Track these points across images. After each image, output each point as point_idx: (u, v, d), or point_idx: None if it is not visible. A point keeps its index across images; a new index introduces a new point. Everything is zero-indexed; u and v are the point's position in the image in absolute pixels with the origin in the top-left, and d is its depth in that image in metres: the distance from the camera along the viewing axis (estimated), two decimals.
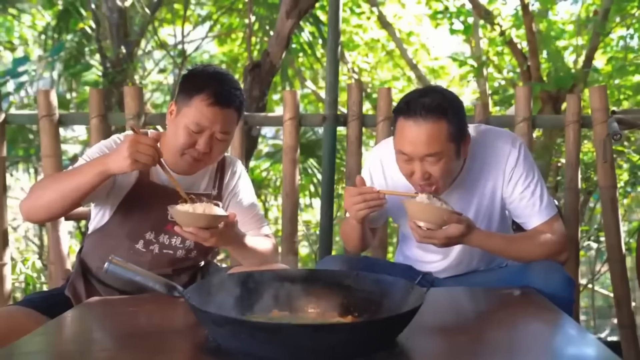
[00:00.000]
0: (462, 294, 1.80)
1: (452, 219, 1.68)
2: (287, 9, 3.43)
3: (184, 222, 1.64)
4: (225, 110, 1.79)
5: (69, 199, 1.69)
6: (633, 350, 2.82)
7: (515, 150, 1.90)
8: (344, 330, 1.21)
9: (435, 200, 1.71)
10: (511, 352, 1.32)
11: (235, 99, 1.81)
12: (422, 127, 1.74)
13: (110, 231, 1.88)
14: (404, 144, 1.78)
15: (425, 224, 1.70)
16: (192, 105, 1.78)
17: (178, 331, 1.41)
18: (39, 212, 1.75)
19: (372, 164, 2.04)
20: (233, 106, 1.81)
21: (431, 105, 1.73)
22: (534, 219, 1.89)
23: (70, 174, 1.72)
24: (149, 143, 1.62)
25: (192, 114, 1.77)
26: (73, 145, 6.28)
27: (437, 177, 1.80)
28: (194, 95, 1.78)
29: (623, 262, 2.90)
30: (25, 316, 1.75)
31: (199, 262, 2.00)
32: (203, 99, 1.77)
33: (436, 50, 7.74)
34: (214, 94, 1.77)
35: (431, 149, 1.75)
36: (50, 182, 1.75)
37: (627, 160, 4.04)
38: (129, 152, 1.59)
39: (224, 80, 1.82)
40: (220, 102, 1.78)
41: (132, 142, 1.61)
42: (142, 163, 1.63)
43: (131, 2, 5.25)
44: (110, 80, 4.98)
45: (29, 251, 5.62)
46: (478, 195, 1.93)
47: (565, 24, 6.09)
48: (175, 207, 1.65)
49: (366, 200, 1.79)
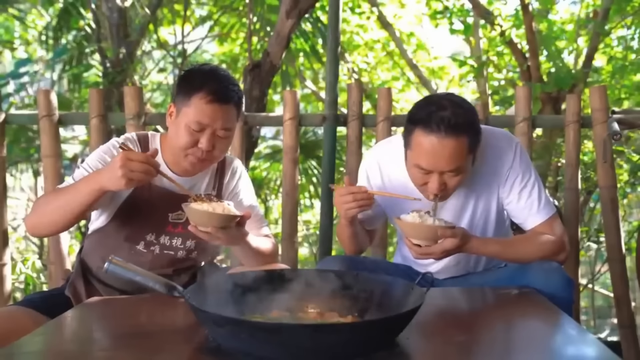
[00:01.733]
0: (461, 294, 1.80)
1: (446, 233, 1.67)
2: (287, 9, 3.43)
3: (202, 222, 1.63)
4: (224, 106, 1.79)
5: (70, 215, 1.71)
6: (633, 350, 2.82)
7: (512, 151, 1.89)
8: (344, 330, 1.21)
9: (426, 217, 1.69)
10: (511, 352, 1.32)
11: (233, 95, 1.82)
12: (445, 143, 1.71)
13: (111, 232, 1.88)
14: (423, 159, 1.75)
15: (420, 242, 1.70)
16: (191, 105, 1.78)
17: (178, 331, 1.41)
18: (43, 228, 1.80)
19: (369, 165, 2.03)
20: (232, 102, 1.81)
21: (456, 123, 1.70)
22: (532, 219, 1.89)
23: (68, 191, 1.71)
24: (141, 159, 1.60)
25: (192, 113, 1.77)
26: (73, 145, 6.28)
27: (452, 188, 1.80)
28: (193, 94, 1.78)
29: (623, 262, 2.90)
30: (25, 316, 1.75)
31: (200, 262, 2.00)
32: (202, 97, 1.77)
33: (436, 50, 7.73)
34: (212, 91, 1.77)
35: (452, 165, 1.74)
36: (51, 200, 1.75)
37: (627, 160, 4.04)
38: (122, 172, 1.57)
39: (221, 77, 1.82)
40: (220, 99, 1.78)
41: (123, 161, 1.58)
42: (137, 180, 1.61)
43: (131, 2, 5.25)
44: (110, 80, 4.98)
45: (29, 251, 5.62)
46: (475, 196, 1.93)
47: (565, 24, 6.09)
48: (191, 206, 1.63)
49: (356, 199, 1.79)
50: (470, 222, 1.94)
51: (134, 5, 5.36)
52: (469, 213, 1.93)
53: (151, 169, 1.62)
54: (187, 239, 1.91)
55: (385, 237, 2.99)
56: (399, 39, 7.01)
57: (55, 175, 2.87)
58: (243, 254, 1.87)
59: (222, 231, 1.64)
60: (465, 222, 1.94)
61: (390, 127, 2.84)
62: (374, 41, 7.32)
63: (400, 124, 2.86)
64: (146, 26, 5.46)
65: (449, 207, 1.93)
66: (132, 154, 1.61)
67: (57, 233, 2.09)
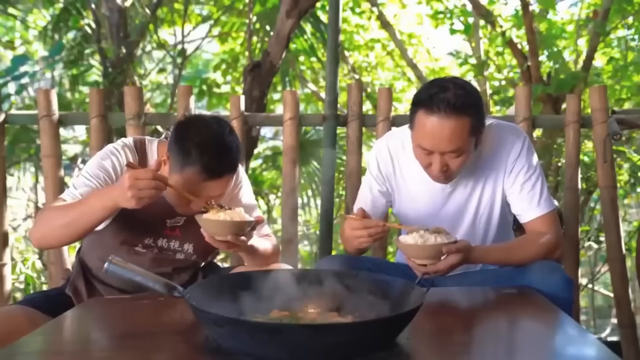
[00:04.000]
0: (462, 294, 1.81)
1: (450, 250, 1.65)
2: (287, 8, 3.43)
3: (218, 232, 1.63)
4: (220, 180, 1.74)
5: (82, 230, 1.71)
6: (633, 350, 2.82)
7: (520, 143, 1.92)
8: (344, 330, 1.20)
9: (427, 236, 1.66)
10: (511, 352, 1.32)
11: (229, 166, 1.75)
12: (445, 124, 1.73)
13: (108, 235, 1.87)
14: (424, 139, 1.78)
15: (425, 262, 1.68)
16: (184, 176, 1.71)
17: (178, 331, 1.41)
18: (51, 242, 1.82)
19: (379, 153, 2.04)
20: (228, 174, 1.76)
21: (456, 103, 1.72)
22: (531, 212, 1.91)
23: (77, 207, 1.69)
24: (149, 177, 1.58)
25: (185, 183, 1.71)
26: (73, 145, 6.28)
27: (455, 169, 1.82)
28: (185, 166, 1.71)
29: (623, 262, 2.90)
30: (25, 316, 1.75)
31: (199, 263, 2.00)
32: (195, 173, 1.70)
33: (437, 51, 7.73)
34: (206, 170, 1.70)
35: (453, 146, 1.76)
36: (59, 215, 1.71)
37: (627, 160, 4.04)
38: (132, 193, 1.56)
39: (217, 147, 1.72)
40: (214, 175, 1.72)
41: (131, 181, 1.56)
42: (148, 198, 1.60)
43: (131, 2, 5.25)
44: (110, 80, 4.97)
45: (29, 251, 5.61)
46: (481, 185, 1.96)
47: (566, 25, 6.09)
48: (205, 217, 1.62)
49: (371, 235, 1.73)
50: (475, 212, 1.97)
51: (134, 5, 5.36)
52: (475, 201, 1.96)
53: (160, 184, 1.60)
54: (185, 242, 1.91)
55: (385, 237, 2.99)
56: (399, 39, 7.00)
57: (55, 175, 2.87)
58: (247, 255, 1.87)
59: (239, 239, 1.64)
60: (471, 212, 1.97)
61: (390, 127, 2.84)
62: (374, 40, 7.31)
63: (401, 124, 2.85)
64: (146, 26, 5.46)
65: (456, 195, 1.96)
66: (139, 173, 1.58)
67: (64, 245, 2.08)
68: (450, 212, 1.98)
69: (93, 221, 1.69)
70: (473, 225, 1.99)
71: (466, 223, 1.98)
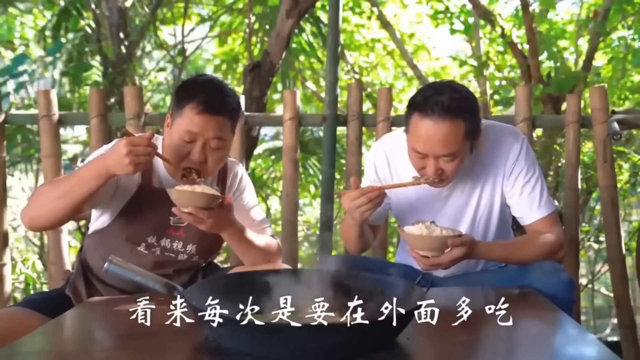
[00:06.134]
0: (462, 294, 1.80)
1: (455, 243, 1.65)
2: (287, 8, 3.43)
3: (182, 202, 1.67)
4: (215, 117, 1.78)
5: (71, 204, 1.69)
6: (633, 350, 2.82)
7: (518, 145, 1.91)
8: (344, 330, 1.20)
9: (433, 227, 1.66)
10: (511, 352, 1.32)
11: (226, 106, 1.81)
12: (440, 127, 1.72)
13: (112, 234, 1.88)
14: (418, 143, 1.77)
15: (428, 253, 1.68)
16: (183, 115, 1.78)
17: (178, 331, 1.41)
18: (40, 220, 1.77)
19: (376, 156, 2.03)
20: (225, 113, 1.80)
21: (450, 106, 1.71)
22: (532, 215, 1.90)
23: (69, 179, 1.72)
24: (144, 143, 1.65)
25: (183, 123, 1.78)
26: (73, 145, 6.28)
27: (449, 173, 1.81)
28: (185, 105, 1.78)
29: (623, 262, 2.90)
30: (26, 317, 1.75)
31: (200, 264, 2.00)
32: (193, 108, 1.77)
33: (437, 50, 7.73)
34: (203, 102, 1.77)
35: (447, 149, 1.74)
36: (50, 189, 1.74)
37: (627, 160, 4.04)
38: (129, 159, 1.61)
39: (214, 88, 1.83)
40: (210, 110, 1.77)
41: (129, 147, 1.62)
42: (144, 164, 1.67)
43: (131, 2, 5.25)
44: (110, 80, 4.97)
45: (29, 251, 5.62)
46: (479, 188, 1.95)
47: (566, 25, 6.09)
48: (174, 188, 1.69)
49: (370, 199, 1.76)
50: (474, 214, 1.96)
51: (134, 5, 5.36)
52: (473, 204, 1.95)
53: (152, 151, 1.68)
54: (188, 243, 1.91)
55: (385, 237, 2.99)
56: (399, 39, 7.00)
57: (55, 175, 2.86)
58: (240, 247, 1.87)
59: (204, 212, 1.66)
60: (470, 214, 1.96)
61: (390, 127, 2.84)
62: (375, 40, 7.32)
63: (401, 124, 2.85)
64: (146, 26, 5.46)
65: (454, 199, 1.95)
66: (135, 139, 1.65)
67: (55, 226, 2.01)
68: (449, 215, 1.96)
69: (85, 192, 1.68)
70: (472, 228, 1.98)
71: (465, 225, 1.97)
